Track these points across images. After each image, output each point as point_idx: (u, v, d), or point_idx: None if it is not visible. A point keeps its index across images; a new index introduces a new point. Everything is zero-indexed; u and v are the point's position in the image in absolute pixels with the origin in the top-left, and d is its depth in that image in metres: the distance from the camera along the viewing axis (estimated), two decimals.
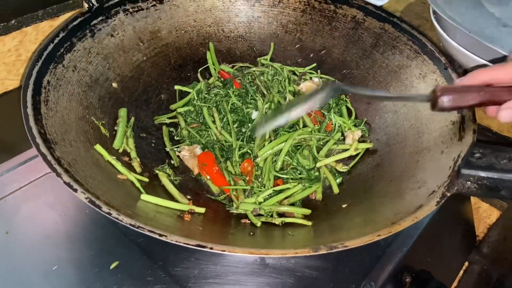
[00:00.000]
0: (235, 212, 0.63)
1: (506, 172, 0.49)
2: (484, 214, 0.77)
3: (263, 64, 0.89)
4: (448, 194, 0.52)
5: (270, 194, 0.65)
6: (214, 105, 0.79)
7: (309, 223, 0.59)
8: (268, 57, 0.90)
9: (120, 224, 0.47)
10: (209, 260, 0.59)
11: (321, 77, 0.86)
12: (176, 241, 0.45)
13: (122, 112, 0.74)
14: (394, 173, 0.65)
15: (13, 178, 0.68)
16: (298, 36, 0.90)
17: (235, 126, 0.76)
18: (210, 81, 0.86)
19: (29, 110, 0.57)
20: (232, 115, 0.78)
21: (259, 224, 0.59)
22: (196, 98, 0.82)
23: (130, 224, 0.46)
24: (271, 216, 0.61)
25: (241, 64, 0.90)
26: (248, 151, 0.73)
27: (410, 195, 0.57)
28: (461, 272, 0.75)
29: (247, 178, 0.69)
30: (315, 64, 0.89)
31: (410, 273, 0.62)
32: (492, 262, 0.73)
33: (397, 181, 0.62)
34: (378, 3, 1.09)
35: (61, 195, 0.65)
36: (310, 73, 0.88)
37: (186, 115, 0.80)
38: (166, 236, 0.45)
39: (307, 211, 0.62)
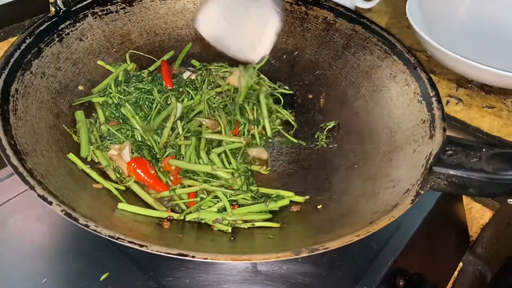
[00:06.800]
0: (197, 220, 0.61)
1: (474, 172, 0.51)
2: (477, 215, 0.79)
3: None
4: (422, 192, 0.54)
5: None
6: (134, 100, 0.73)
7: (277, 225, 0.60)
8: None
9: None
10: (201, 269, 0.58)
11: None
12: (157, 251, 0.45)
13: (79, 115, 0.70)
14: (369, 173, 0.66)
15: (0, 191, 0.66)
16: None
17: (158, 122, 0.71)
18: (130, 68, 0.80)
19: None
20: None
21: (229, 229, 0.59)
22: (114, 90, 0.74)
23: (109, 236, 0.45)
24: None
25: (206, 64, 0.88)
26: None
27: (385, 194, 0.58)
28: (456, 273, 0.76)
29: (172, 178, 0.66)
30: None
31: (404, 276, 0.61)
32: (487, 262, 0.74)
33: (372, 181, 0.64)
34: (367, 6, 1.11)
35: (49, 207, 0.63)
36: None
37: (105, 107, 0.73)
38: (146, 246, 0.45)
39: (268, 216, 0.62)
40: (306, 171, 0.74)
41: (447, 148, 0.55)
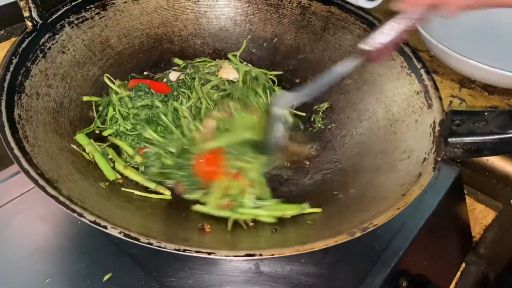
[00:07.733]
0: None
1: (486, 135, 0.56)
2: (480, 215, 0.79)
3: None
4: (439, 159, 0.59)
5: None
6: (145, 119, 0.72)
7: (319, 210, 0.62)
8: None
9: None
10: (203, 269, 0.58)
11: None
12: (226, 256, 0.46)
13: (81, 140, 0.66)
14: (376, 147, 0.70)
15: (3, 190, 0.64)
16: (248, 27, 0.91)
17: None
18: (121, 92, 0.76)
19: (17, 152, 0.52)
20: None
21: (275, 220, 0.60)
22: (123, 119, 0.72)
23: (175, 249, 0.46)
24: None
25: (190, 61, 0.88)
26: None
27: (403, 165, 0.63)
28: (458, 273, 0.76)
29: None
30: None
31: (406, 277, 0.62)
32: (489, 263, 0.75)
33: (384, 154, 0.68)
34: (369, 6, 1.11)
35: (52, 207, 0.61)
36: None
37: (123, 137, 0.71)
38: (214, 253, 0.46)
39: (318, 210, 0.63)
40: (313, 154, 0.77)
41: (453, 119, 0.60)
